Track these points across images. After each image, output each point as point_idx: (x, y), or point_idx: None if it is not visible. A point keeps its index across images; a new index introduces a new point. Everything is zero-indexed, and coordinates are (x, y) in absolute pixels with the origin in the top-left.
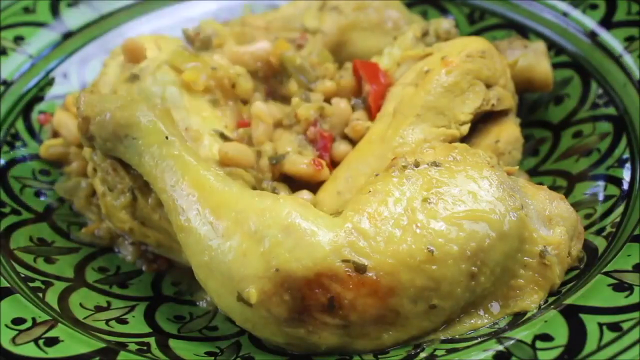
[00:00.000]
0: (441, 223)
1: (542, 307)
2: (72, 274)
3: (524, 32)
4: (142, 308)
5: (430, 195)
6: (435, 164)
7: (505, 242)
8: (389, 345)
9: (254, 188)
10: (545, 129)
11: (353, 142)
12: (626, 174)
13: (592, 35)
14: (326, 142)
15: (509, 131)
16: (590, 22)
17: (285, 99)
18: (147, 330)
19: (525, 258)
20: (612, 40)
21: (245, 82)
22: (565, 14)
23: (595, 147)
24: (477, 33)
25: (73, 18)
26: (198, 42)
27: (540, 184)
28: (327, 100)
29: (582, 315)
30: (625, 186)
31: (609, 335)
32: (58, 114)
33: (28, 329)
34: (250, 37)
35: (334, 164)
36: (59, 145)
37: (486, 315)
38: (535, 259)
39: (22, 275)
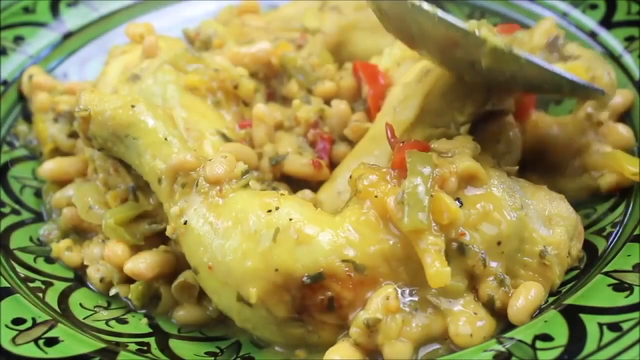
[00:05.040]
0: None
1: (542, 307)
2: (72, 274)
3: None
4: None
5: None
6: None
7: (505, 242)
8: None
9: None
10: None
11: (352, 144)
12: None
13: (592, 35)
14: (326, 143)
15: (509, 131)
16: (590, 22)
17: (285, 100)
18: (147, 330)
19: (525, 258)
20: (612, 40)
21: (247, 83)
22: (565, 14)
23: None
24: None
25: (73, 18)
26: (198, 42)
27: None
28: (328, 101)
29: (582, 315)
30: None
31: (609, 335)
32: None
33: (28, 329)
34: (250, 37)
35: (333, 165)
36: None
37: None
38: (535, 259)
39: (22, 275)
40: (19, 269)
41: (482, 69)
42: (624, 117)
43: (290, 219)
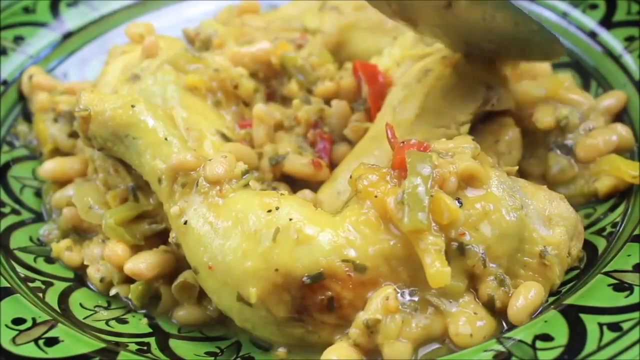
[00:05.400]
0: None
1: (542, 307)
2: (72, 274)
3: None
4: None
5: None
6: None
7: (504, 242)
8: None
9: None
10: None
11: (352, 144)
12: None
13: (592, 35)
14: (326, 143)
15: (509, 131)
16: (590, 22)
17: (285, 100)
18: (147, 330)
19: (525, 258)
20: (612, 40)
21: (247, 83)
22: (565, 14)
23: None
24: None
25: (73, 18)
26: (198, 42)
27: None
28: (328, 101)
29: (582, 315)
30: None
31: (609, 335)
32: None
33: (28, 329)
34: (250, 37)
35: (333, 165)
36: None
37: None
38: (535, 259)
39: (22, 275)
40: (19, 269)
41: (460, 9)
42: (623, 116)
43: (290, 219)
